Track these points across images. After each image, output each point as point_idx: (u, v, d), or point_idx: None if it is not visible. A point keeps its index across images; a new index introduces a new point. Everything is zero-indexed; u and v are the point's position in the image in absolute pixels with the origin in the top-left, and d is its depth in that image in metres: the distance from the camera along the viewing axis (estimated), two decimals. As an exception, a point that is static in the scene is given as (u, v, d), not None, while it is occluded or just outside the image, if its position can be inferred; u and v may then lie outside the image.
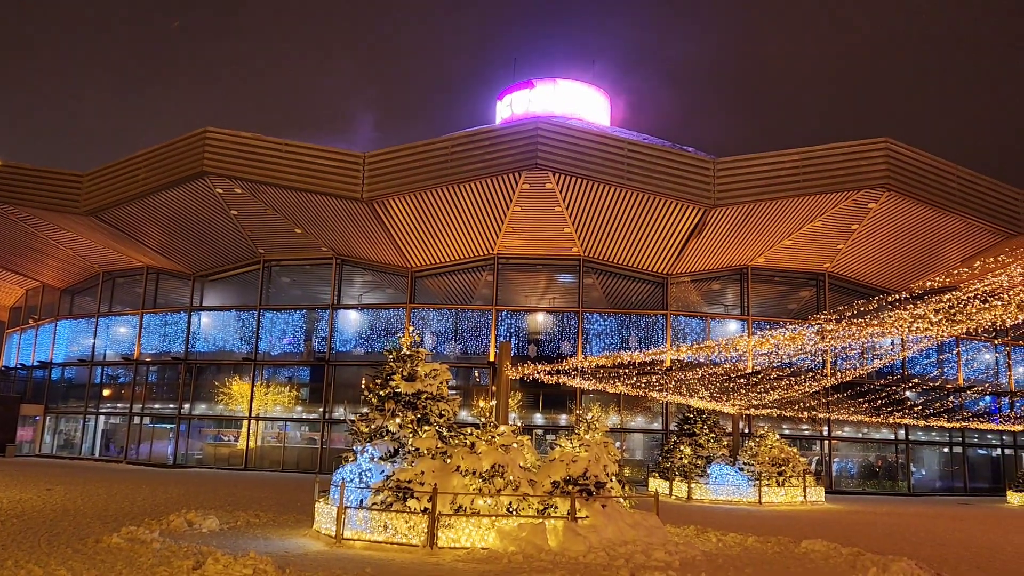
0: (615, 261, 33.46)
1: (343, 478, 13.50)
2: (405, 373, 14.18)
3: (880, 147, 28.79)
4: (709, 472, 26.08)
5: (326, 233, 33.11)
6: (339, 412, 34.47)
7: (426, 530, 12.29)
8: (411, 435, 13.58)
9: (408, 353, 14.43)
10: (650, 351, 18.54)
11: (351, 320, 35.49)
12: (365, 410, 14.31)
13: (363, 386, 14.48)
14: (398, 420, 13.69)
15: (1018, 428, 35.47)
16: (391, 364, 14.35)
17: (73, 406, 40.33)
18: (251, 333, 35.60)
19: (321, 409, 34.51)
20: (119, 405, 38.68)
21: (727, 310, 36.19)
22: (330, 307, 35.06)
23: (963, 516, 24.00)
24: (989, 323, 11.68)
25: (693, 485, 25.87)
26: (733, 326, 34.95)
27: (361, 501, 13.04)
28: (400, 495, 12.68)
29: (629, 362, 19.53)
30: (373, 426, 13.84)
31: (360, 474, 13.45)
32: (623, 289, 34.41)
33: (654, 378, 26.77)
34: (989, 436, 37.87)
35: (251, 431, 34.77)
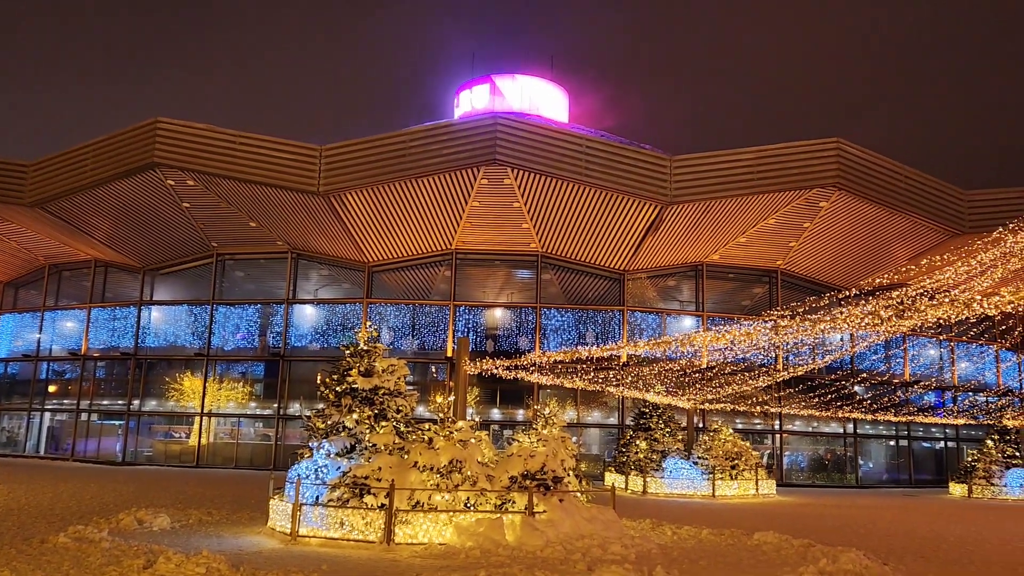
0: (573, 257, 33.62)
1: (299, 475, 13.35)
2: (362, 368, 14.06)
3: (831, 147, 29.40)
4: (664, 466, 26.38)
5: (281, 227, 32.66)
6: (294, 408, 34.08)
7: (383, 526, 12.23)
8: (368, 431, 13.49)
9: (365, 348, 14.32)
10: (607, 346, 18.68)
11: (307, 315, 35.08)
12: (321, 406, 14.18)
13: (319, 382, 14.33)
14: (355, 416, 13.58)
15: (960, 422, 36.57)
16: (348, 359, 14.23)
17: (17, 403, 39.17)
18: (203, 328, 34.97)
19: (276, 405, 34.07)
20: (66, 401, 37.69)
21: (683, 306, 36.64)
22: (285, 302, 34.61)
23: (908, 507, 24.69)
24: (935, 320, 12.01)
25: (649, 479, 26.15)
26: (688, 322, 35.39)
27: (317, 498, 12.92)
28: (357, 491, 12.59)
29: (586, 357, 19.65)
30: (329, 422, 13.71)
31: (316, 470, 13.31)
32: (581, 285, 34.61)
33: (611, 373, 26.99)
34: (933, 430, 38.99)
35: (203, 427, 34.18)
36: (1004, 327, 38.48)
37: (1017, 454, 31.25)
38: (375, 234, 31.98)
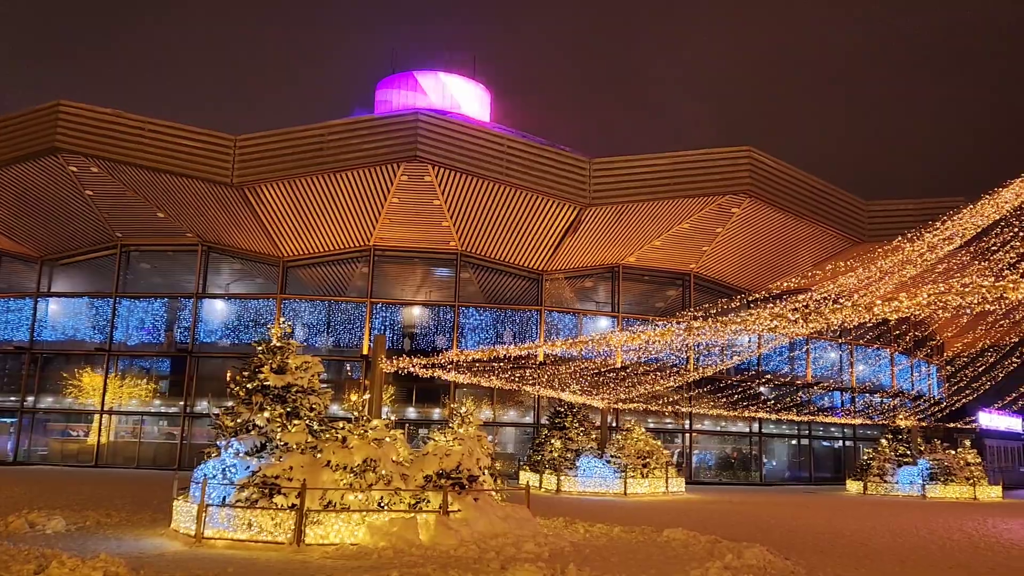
0: (492, 256, 33.67)
1: (205, 474, 12.91)
2: (275, 365, 13.71)
3: (744, 155, 30.37)
4: (578, 465, 26.70)
5: (192, 218, 31.55)
6: (202, 406, 32.98)
7: (293, 527, 11.95)
8: (280, 429, 13.16)
9: (278, 345, 13.96)
10: (524, 346, 18.78)
11: (217, 310, 34.00)
12: (231, 403, 13.74)
13: (229, 379, 13.89)
14: (266, 414, 13.23)
15: (857, 421, 38.39)
16: (260, 356, 13.84)
17: None
18: (105, 322, 33.45)
19: (182, 403, 32.89)
20: (-49, 398, 35.47)
21: (599, 307, 37.18)
22: (194, 296, 33.45)
23: (808, 504, 25.72)
24: (838, 323, 12.54)
25: (562, 477, 26.42)
26: (604, 322, 35.94)
27: (224, 498, 12.52)
28: (267, 491, 12.26)
29: (504, 356, 19.72)
30: (239, 420, 13.31)
31: (224, 470, 12.90)
32: (499, 284, 34.69)
33: (528, 372, 27.16)
34: (832, 429, 40.75)
35: (103, 425, 32.70)
36: (898, 331, 40.60)
37: (908, 453, 32.95)
38: (291, 228, 31.27)
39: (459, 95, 45.13)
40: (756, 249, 34.38)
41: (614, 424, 32.83)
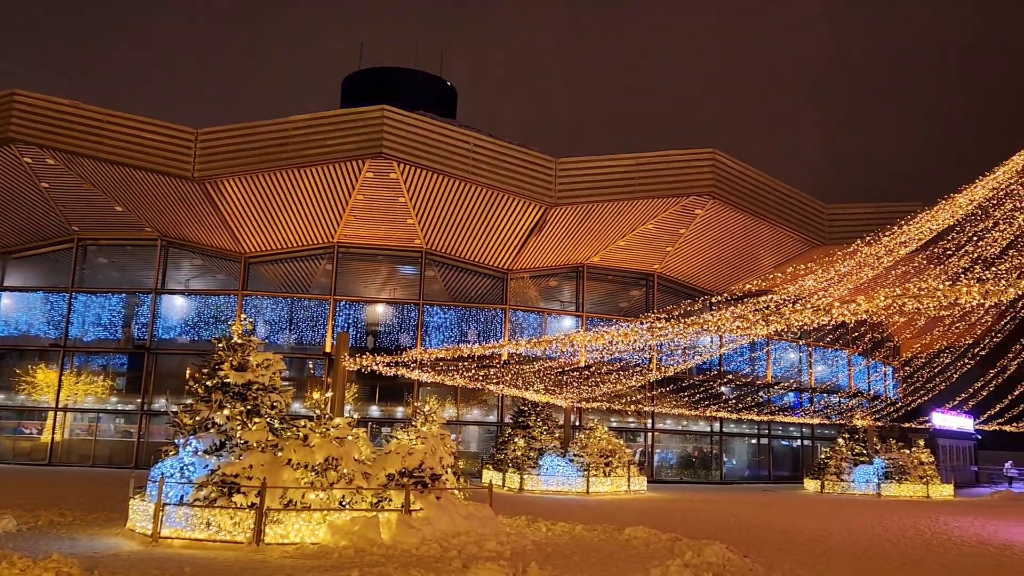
0: (457, 255, 33.59)
1: (163, 473, 12.69)
2: (235, 362, 13.52)
3: (707, 157, 30.70)
4: (541, 464, 26.77)
5: (151, 213, 30.99)
6: (160, 403, 32.40)
7: (253, 526, 11.80)
8: (240, 427, 12.98)
9: (239, 342, 13.78)
10: (489, 345, 18.77)
11: (176, 306, 33.43)
12: (190, 401, 13.53)
13: (188, 376, 13.69)
14: (226, 412, 13.04)
15: (815, 421, 39.04)
16: (220, 353, 13.65)
17: None
18: (61, 317, 32.70)
19: (139, 400, 32.29)
20: (-103, 394, 34.37)
21: (563, 306, 37.30)
22: (153, 292, 32.86)
23: (767, 502, 26.09)
24: (798, 325, 12.74)
25: (525, 476, 26.47)
26: (568, 322, 36.07)
27: (182, 497, 12.32)
28: (226, 490, 12.09)
29: (468, 355, 19.68)
30: (198, 418, 13.10)
31: (182, 468, 12.69)
32: (464, 283, 34.63)
33: (492, 371, 27.15)
34: (791, 429, 41.38)
35: (57, 423, 31.97)
36: (856, 333, 41.38)
37: (864, 452, 33.59)
38: (253, 224, 30.87)
39: (426, 92, 44.95)
40: (719, 250, 34.77)
41: (577, 423, 32.97)
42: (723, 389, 37.20)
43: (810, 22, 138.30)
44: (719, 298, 21.12)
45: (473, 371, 26.11)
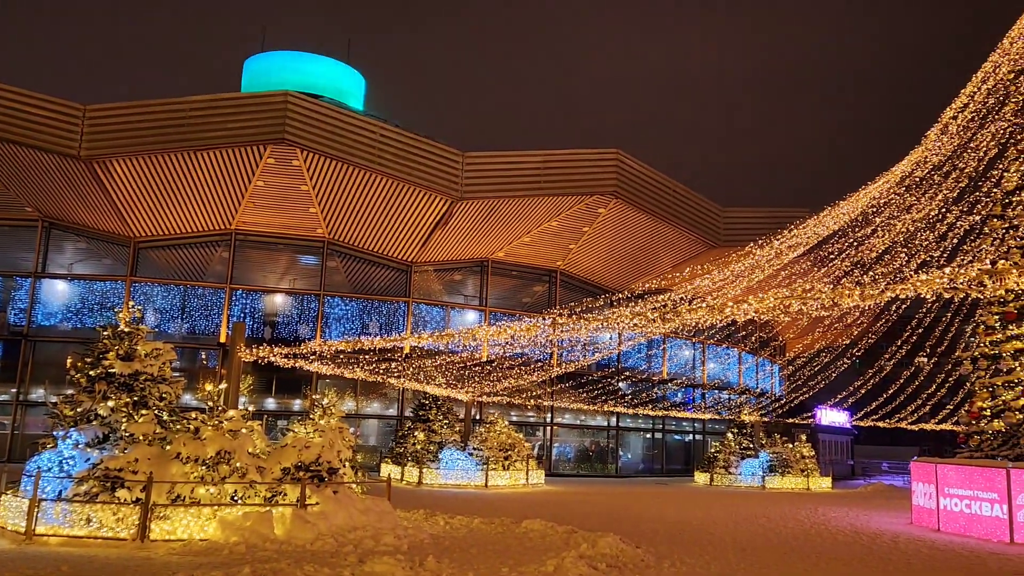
0: (361, 246, 33.10)
1: (39, 467, 12.01)
2: (121, 352, 12.94)
3: (611, 157, 31.33)
4: (441, 457, 26.73)
5: (32, 191, 29.17)
6: (38, 394, 30.58)
7: (137, 522, 11.31)
8: (125, 419, 12.43)
9: (126, 330, 13.19)
10: (391, 338, 18.58)
11: (58, 291, 31.60)
12: (71, 391, 12.86)
13: (70, 365, 12.99)
14: (111, 403, 12.46)
15: (707, 416, 40.51)
16: (105, 342, 13.03)
17: None
18: (-74, 300, 30.40)
19: (14, 390, 30.36)
20: None
21: (467, 300, 37.33)
22: (32, 275, 30.96)
23: (660, 495, 26.91)
24: (693, 323, 13.17)
25: (425, 470, 26.38)
26: (471, 316, 36.14)
27: (60, 492, 11.69)
28: (108, 485, 11.55)
29: (369, 348, 19.41)
30: (80, 409, 12.47)
31: (61, 462, 12.05)
32: (367, 274, 34.16)
33: (393, 364, 26.91)
34: (684, 423, 42.80)
35: (-80, 414, 29.73)
36: (746, 332, 43.15)
37: (751, 446, 35.06)
38: (144, 207, 29.51)
39: (332, 79, 43.97)
40: (620, 249, 35.55)
41: (478, 417, 33.09)
42: (621, 385, 38.10)
43: (724, 39, 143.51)
44: (619, 296, 21.60)
45: (374, 364, 25.80)
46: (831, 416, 45.99)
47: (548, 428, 37.24)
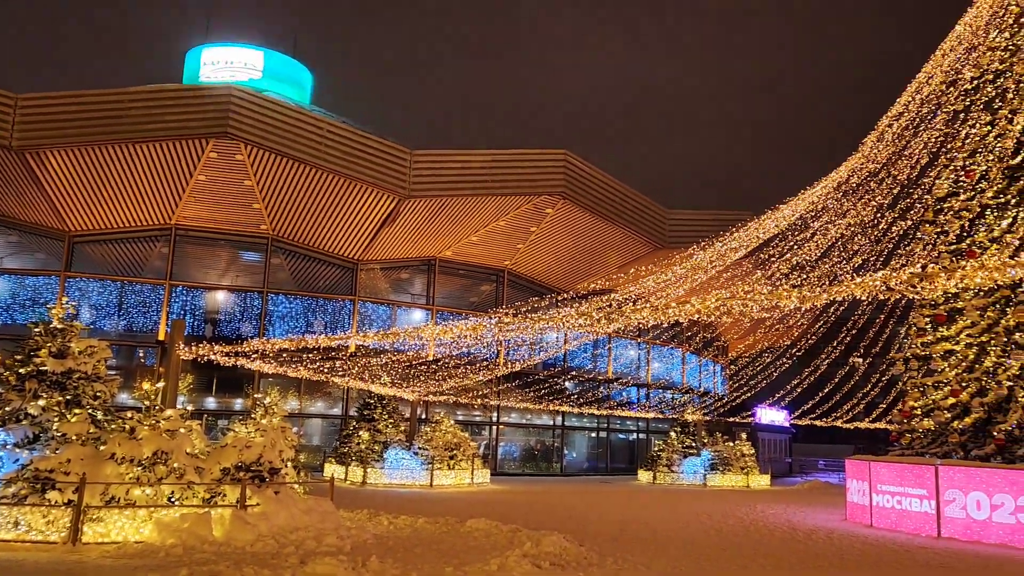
0: (306, 243, 32.65)
1: (-36, 469, 11.55)
2: (54, 349, 12.53)
3: (559, 158, 31.51)
4: (385, 457, 26.54)
5: (-41, 181, 28.05)
6: (-36, 392, 29.39)
7: (68, 525, 10.97)
8: (57, 419, 12.05)
9: (59, 327, 12.78)
10: (336, 336, 18.38)
11: (-13, 286, 30.45)
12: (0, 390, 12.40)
13: (-2, 362, 12.53)
14: (41, 402, 12.06)
15: (651, 416, 41.05)
16: (37, 339, 12.61)
17: None
18: None
19: (-61, 389, 29.15)
20: None
21: (413, 299, 37.13)
22: (-41, 269, 29.76)
23: (604, 493, 27.17)
24: (637, 323, 13.33)
25: (369, 470, 26.15)
26: (418, 315, 35.95)
27: (-14, 495, 11.26)
28: (39, 486, 11.18)
29: (314, 346, 19.19)
30: (8, 408, 12.04)
31: (-13, 464, 11.61)
32: (312, 272, 33.71)
33: (338, 363, 26.62)
34: (628, 423, 43.29)
35: None
36: (690, 332, 43.86)
37: (694, 445, 35.65)
38: (80, 200, 28.61)
39: (279, 73, 43.26)
40: (567, 249, 35.78)
41: (424, 416, 32.94)
42: (567, 384, 38.34)
43: (675, 47, 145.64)
44: (566, 295, 21.76)
45: (318, 363, 25.50)
46: (770, 415, 47.00)
47: (494, 427, 37.28)
